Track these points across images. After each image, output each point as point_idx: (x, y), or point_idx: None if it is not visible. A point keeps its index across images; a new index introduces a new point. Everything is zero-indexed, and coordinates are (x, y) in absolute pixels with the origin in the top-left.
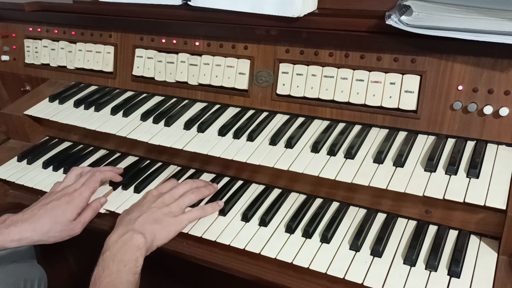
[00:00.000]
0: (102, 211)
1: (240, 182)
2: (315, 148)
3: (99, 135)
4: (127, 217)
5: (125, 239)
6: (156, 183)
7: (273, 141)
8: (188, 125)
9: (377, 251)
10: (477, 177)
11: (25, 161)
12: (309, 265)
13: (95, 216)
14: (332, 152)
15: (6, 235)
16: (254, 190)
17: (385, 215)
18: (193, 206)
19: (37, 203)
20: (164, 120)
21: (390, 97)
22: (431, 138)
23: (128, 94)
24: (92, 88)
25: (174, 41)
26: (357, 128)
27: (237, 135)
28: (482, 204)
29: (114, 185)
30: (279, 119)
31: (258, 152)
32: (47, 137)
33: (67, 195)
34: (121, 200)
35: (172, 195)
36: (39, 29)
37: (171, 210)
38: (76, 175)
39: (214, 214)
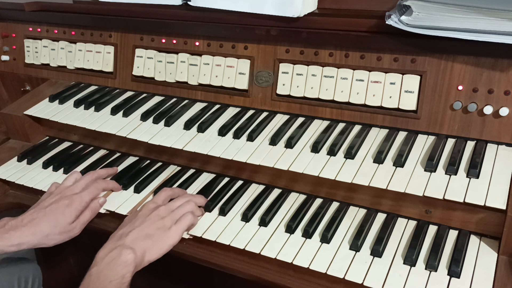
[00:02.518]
0: (102, 211)
1: (240, 182)
2: (315, 148)
3: (99, 135)
4: (119, 232)
5: (113, 255)
6: (156, 183)
7: (273, 141)
8: (188, 125)
9: (377, 251)
10: (477, 177)
11: (25, 161)
12: (309, 265)
13: (95, 216)
14: (332, 152)
15: (6, 240)
16: (254, 190)
17: (385, 215)
18: None
19: (36, 206)
20: (164, 120)
21: (390, 97)
22: (431, 138)
23: (128, 94)
24: (92, 88)
25: (174, 41)
26: (357, 128)
27: (237, 135)
28: (482, 204)
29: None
30: (279, 119)
31: (258, 152)
32: (47, 137)
33: (66, 197)
34: (121, 200)
35: (168, 208)
36: (39, 29)
37: (164, 223)
38: (75, 178)
39: (214, 214)
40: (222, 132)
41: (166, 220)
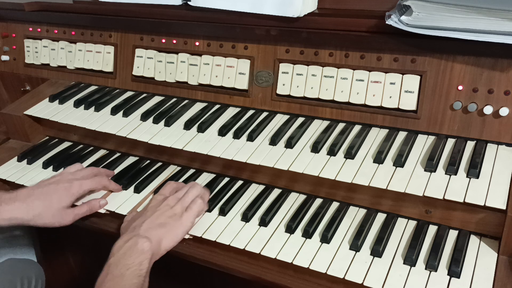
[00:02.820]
0: (102, 211)
1: (240, 182)
2: (315, 148)
3: (99, 135)
4: (133, 224)
5: (130, 245)
6: (156, 183)
7: (273, 141)
8: (188, 125)
9: (377, 251)
10: (477, 177)
11: (25, 161)
12: (309, 265)
13: (94, 216)
14: (332, 152)
15: None
16: (254, 190)
17: (385, 215)
18: None
19: (36, 184)
20: (164, 120)
21: (390, 97)
22: (431, 138)
23: (128, 94)
24: (92, 88)
25: (174, 41)
26: (357, 128)
27: (237, 135)
28: (482, 204)
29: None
30: (279, 119)
31: (258, 152)
32: (47, 137)
33: (67, 181)
34: (121, 200)
35: (176, 197)
36: (39, 29)
37: (175, 212)
38: (77, 168)
39: (214, 214)
40: (222, 132)
41: (176, 208)
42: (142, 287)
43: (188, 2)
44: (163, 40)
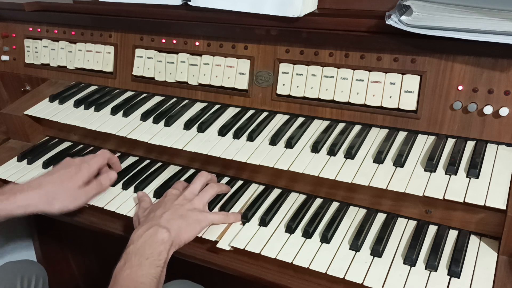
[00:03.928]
0: (104, 206)
1: (240, 182)
2: (315, 148)
3: (99, 135)
4: (152, 214)
5: (150, 233)
6: (156, 183)
7: (273, 141)
8: (188, 125)
9: (377, 251)
10: (477, 177)
11: (25, 161)
12: (309, 265)
13: (94, 216)
14: (332, 152)
15: (13, 202)
16: (254, 190)
17: (385, 215)
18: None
19: (46, 172)
20: (164, 120)
21: (390, 97)
22: (431, 138)
23: (128, 94)
24: (92, 88)
25: (174, 41)
26: (357, 128)
27: (237, 135)
28: (482, 204)
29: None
30: (279, 119)
31: (258, 152)
32: (47, 137)
33: (75, 165)
34: (121, 200)
35: (192, 191)
36: (39, 29)
37: (194, 206)
38: (82, 159)
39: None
40: (222, 132)
41: (195, 203)
42: (160, 277)
43: (188, 2)
44: (163, 40)
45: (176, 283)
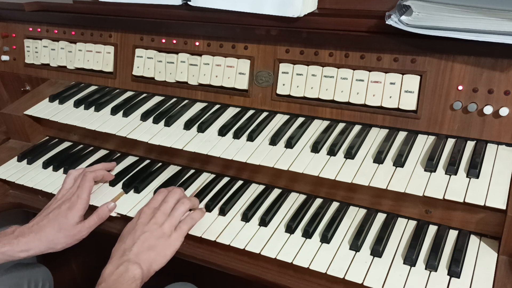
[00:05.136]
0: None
1: (240, 182)
2: (315, 148)
3: (99, 135)
4: (122, 247)
5: (120, 271)
6: (156, 183)
7: (273, 141)
8: (188, 125)
9: (377, 251)
10: (477, 177)
11: (25, 161)
12: (309, 265)
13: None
14: (332, 152)
15: (15, 246)
16: (254, 190)
17: (385, 215)
18: None
19: (42, 213)
20: (164, 120)
21: (390, 97)
22: (431, 138)
23: (128, 94)
24: (92, 88)
25: (174, 41)
26: (357, 128)
27: (237, 135)
28: (482, 204)
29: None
30: (279, 119)
31: (258, 152)
32: (47, 137)
33: (67, 201)
34: (121, 200)
35: (163, 212)
36: (39, 29)
37: (164, 231)
38: (74, 178)
39: (214, 214)
40: (222, 132)
41: (165, 228)
42: None
43: (188, 2)
44: (163, 40)
45: (177, 286)
